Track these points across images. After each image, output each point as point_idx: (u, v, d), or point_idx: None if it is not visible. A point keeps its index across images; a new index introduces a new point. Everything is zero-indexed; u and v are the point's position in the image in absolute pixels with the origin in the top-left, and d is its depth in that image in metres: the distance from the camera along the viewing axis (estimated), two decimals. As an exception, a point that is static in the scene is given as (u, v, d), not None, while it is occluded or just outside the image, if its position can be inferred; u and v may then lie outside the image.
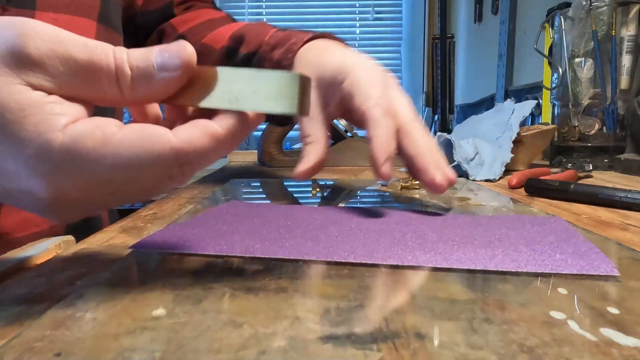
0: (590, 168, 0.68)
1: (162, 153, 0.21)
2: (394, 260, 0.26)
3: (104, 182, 0.21)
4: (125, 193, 0.22)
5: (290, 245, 0.28)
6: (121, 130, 0.21)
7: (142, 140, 0.20)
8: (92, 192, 0.21)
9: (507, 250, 0.28)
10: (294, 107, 0.22)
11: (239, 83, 0.23)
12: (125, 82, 0.21)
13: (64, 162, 0.20)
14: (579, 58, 0.77)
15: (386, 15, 3.03)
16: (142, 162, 0.21)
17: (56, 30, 0.20)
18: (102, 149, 0.20)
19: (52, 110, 0.20)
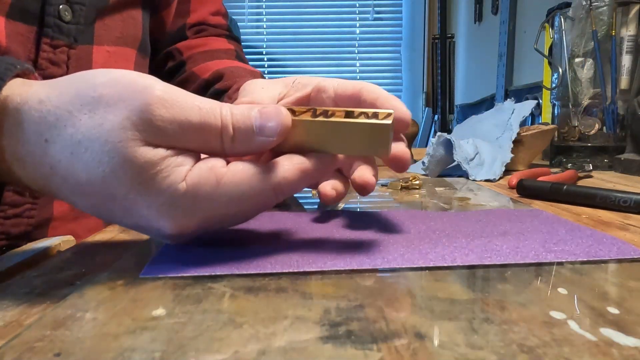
0: (590, 168, 0.68)
1: (264, 189, 0.25)
2: (397, 264, 0.26)
3: (218, 215, 0.25)
4: (233, 220, 0.27)
5: (290, 257, 0.28)
6: (229, 169, 0.24)
7: (249, 179, 0.24)
8: (208, 225, 0.26)
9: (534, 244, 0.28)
10: (389, 151, 0.26)
11: (333, 132, 0.25)
12: (228, 140, 0.25)
13: (187, 206, 0.24)
14: (579, 58, 0.77)
15: (386, 15, 3.04)
16: (249, 197, 0.25)
17: (174, 93, 0.23)
18: (217, 190, 0.24)
19: (176, 162, 0.23)
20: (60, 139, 0.23)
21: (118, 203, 0.24)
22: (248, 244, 0.30)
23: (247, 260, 0.26)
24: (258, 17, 3.00)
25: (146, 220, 0.24)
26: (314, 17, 2.95)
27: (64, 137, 0.23)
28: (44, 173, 0.23)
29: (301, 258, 0.26)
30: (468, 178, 0.63)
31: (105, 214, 0.25)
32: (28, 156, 0.23)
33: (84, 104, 0.23)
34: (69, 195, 0.24)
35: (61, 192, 0.24)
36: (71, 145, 0.23)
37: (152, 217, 0.24)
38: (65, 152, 0.23)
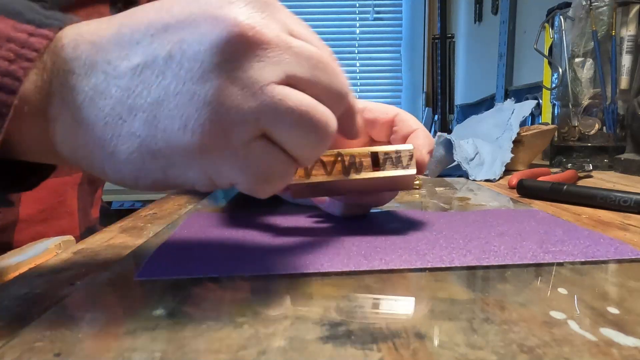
0: (590, 168, 0.68)
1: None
2: (401, 264, 0.26)
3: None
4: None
5: (293, 257, 0.28)
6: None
7: None
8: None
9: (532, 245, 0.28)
10: (412, 186, 0.31)
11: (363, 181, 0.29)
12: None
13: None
14: (579, 58, 0.77)
15: (386, 15, 3.03)
16: None
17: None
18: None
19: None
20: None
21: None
22: (245, 245, 0.30)
23: (244, 262, 0.26)
24: (258, 17, 2.99)
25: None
26: (314, 17, 2.95)
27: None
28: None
29: (298, 260, 0.26)
30: (468, 178, 0.63)
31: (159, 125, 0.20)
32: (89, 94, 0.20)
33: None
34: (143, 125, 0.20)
35: (135, 121, 0.20)
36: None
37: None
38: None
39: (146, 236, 0.33)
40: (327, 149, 0.23)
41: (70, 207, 0.52)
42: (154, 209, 0.44)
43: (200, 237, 0.32)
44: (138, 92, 0.19)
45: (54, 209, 0.49)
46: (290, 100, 0.20)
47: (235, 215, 0.40)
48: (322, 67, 0.21)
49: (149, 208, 0.45)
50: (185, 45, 0.19)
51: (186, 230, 0.34)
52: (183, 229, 0.34)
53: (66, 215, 0.51)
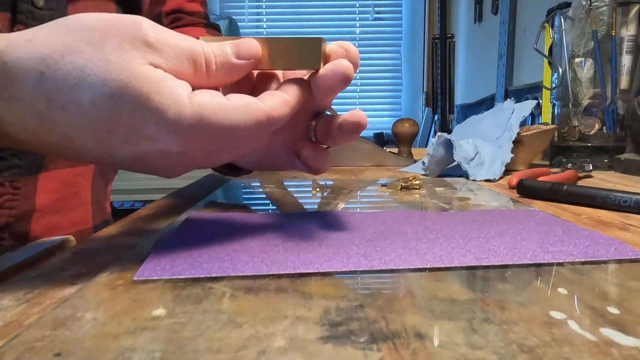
0: (590, 168, 0.68)
1: (260, 117, 0.26)
2: (396, 265, 0.26)
3: (219, 140, 0.26)
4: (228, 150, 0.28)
5: (295, 257, 0.28)
6: (229, 99, 0.26)
7: (246, 107, 0.26)
8: (209, 148, 0.26)
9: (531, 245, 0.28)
10: (319, 65, 0.29)
11: (281, 49, 0.29)
12: (212, 67, 0.26)
13: (194, 124, 0.24)
14: (579, 58, 0.77)
15: (386, 15, 3.03)
16: (246, 123, 0.26)
17: (159, 25, 0.25)
18: (219, 113, 0.25)
19: (175, 84, 0.24)
20: (59, 68, 0.23)
21: (123, 124, 0.24)
22: (244, 245, 0.30)
23: (244, 262, 0.26)
24: (258, 17, 3.00)
25: (151, 141, 0.25)
26: (314, 17, 2.95)
27: (63, 65, 0.23)
28: (38, 109, 0.23)
29: (298, 259, 0.26)
30: (468, 178, 0.63)
31: (106, 143, 0.25)
32: (19, 93, 0.23)
33: (78, 35, 0.23)
34: (67, 130, 0.24)
35: (57, 128, 0.24)
36: (73, 71, 0.23)
37: (159, 135, 0.24)
38: (67, 80, 0.23)
39: (146, 236, 0.33)
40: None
41: (84, 198, 0.53)
42: (154, 209, 0.44)
43: (199, 237, 0.32)
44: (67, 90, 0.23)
45: (68, 199, 0.50)
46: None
47: (234, 215, 0.40)
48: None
49: (149, 208, 0.45)
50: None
51: (186, 230, 0.34)
52: (183, 229, 0.34)
53: (80, 207, 0.52)
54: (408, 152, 0.87)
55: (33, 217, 0.46)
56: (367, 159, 0.83)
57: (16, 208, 0.44)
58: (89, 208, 0.54)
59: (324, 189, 0.56)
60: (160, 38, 0.24)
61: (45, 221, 0.47)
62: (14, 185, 0.43)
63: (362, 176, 0.68)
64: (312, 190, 0.57)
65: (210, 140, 0.26)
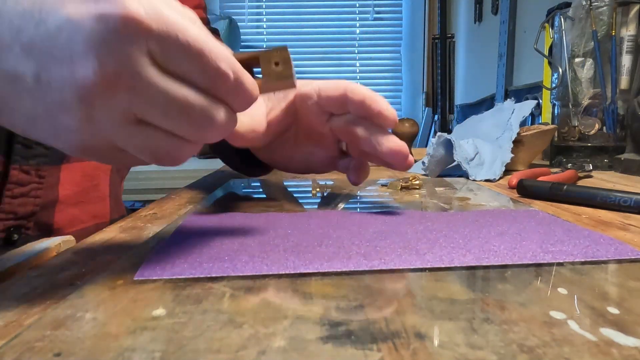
0: (590, 168, 0.68)
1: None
2: (395, 265, 0.26)
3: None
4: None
5: (295, 258, 0.28)
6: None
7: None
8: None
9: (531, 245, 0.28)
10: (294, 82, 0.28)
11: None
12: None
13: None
14: (579, 58, 0.77)
15: (386, 15, 3.03)
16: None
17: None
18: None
19: None
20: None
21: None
22: (245, 245, 0.30)
23: (243, 262, 0.26)
24: (258, 17, 3.00)
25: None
26: (314, 17, 2.95)
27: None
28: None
29: (298, 259, 0.26)
30: (468, 178, 0.63)
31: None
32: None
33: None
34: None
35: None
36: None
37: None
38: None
39: (146, 236, 0.33)
40: (220, 128, 0.24)
41: (103, 192, 0.54)
42: (154, 209, 0.44)
43: (200, 237, 0.32)
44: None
45: (88, 192, 0.51)
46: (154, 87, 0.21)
47: (234, 215, 0.40)
48: (185, 49, 0.21)
49: (149, 208, 0.45)
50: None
51: (186, 230, 0.34)
52: (183, 229, 0.34)
53: (99, 200, 0.53)
54: (408, 152, 0.87)
55: (56, 208, 0.47)
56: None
57: (41, 197, 0.45)
58: (107, 202, 0.55)
59: (324, 189, 0.56)
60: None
61: (68, 213, 0.48)
62: (39, 174, 0.45)
63: (362, 176, 0.68)
64: (312, 190, 0.57)
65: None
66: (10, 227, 0.43)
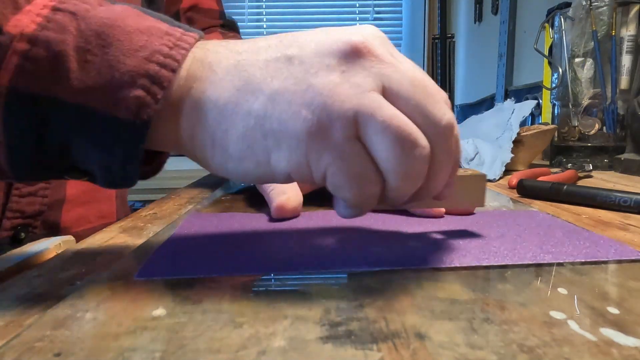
0: (590, 168, 0.68)
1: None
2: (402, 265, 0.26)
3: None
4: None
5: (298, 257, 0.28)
6: None
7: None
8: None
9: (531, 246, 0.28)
10: (484, 202, 0.31)
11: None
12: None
13: None
14: (579, 58, 0.77)
15: (386, 15, 3.03)
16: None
17: None
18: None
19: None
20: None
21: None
22: (245, 245, 0.30)
23: (244, 262, 0.26)
24: (258, 17, 3.00)
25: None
26: (314, 17, 2.95)
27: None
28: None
29: (299, 259, 0.26)
30: (468, 178, 0.63)
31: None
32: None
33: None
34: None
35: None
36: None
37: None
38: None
39: (146, 236, 0.33)
40: (416, 174, 0.23)
41: (109, 191, 0.55)
42: (154, 209, 0.44)
43: (200, 237, 0.32)
44: (262, 79, 0.22)
45: (94, 191, 0.52)
46: (384, 109, 0.22)
47: (235, 215, 0.40)
48: (420, 88, 0.23)
49: (149, 208, 0.45)
50: (305, 50, 0.23)
51: (186, 230, 0.34)
52: (183, 229, 0.34)
53: (105, 200, 0.54)
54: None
55: (63, 208, 0.48)
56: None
57: (48, 196, 0.46)
58: (114, 202, 0.56)
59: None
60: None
61: (75, 212, 0.49)
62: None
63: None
64: (312, 190, 0.56)
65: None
66: (17, 226, 0.44)
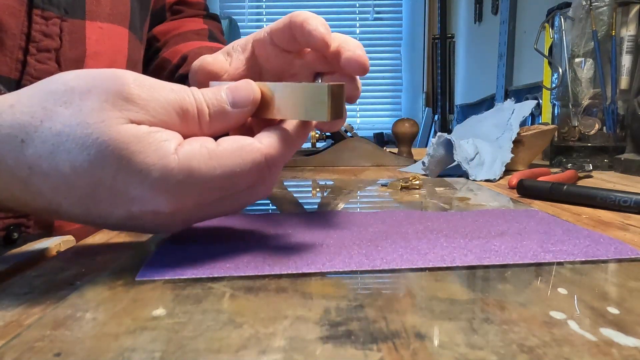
0: (590, 168, 0.68)
1: (256, 158, 0.25)
2: (397, 264, 0.26)
3: (213, 193, 0.25)
4: (226, 201, 0.26)
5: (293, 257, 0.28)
6: (219, 143, 0.24)
7: (240, 150, 0.24)
8: (204, 201, 0.25)
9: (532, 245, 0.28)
10: (325, 116, 0.25)
11: (286, 96, 0.26)
12: (205, 118, 0.25)
13: (182, 179, 0.23)
14: (579, 58, 0.77)
15: (386, 15, 3.03)
16: (243, 170, 0.24)
17: (146, 78, 0.24)
18: (210, 162, 0.23)
19: (162, 137, 0.23)
20: (38, 135, 0.22)
21: (107, 189, 0.23)
22: (246, 245, 0.30)
23: (245, 262, 0.26)
24: (258, 17, 3.00)
25: (139, 203, 0.23)
26: (314, 17, 2.95)
27: (42, 132, 0.22)
28: (21, 177, 0.23)
29: (300, 259, 0.26)
30: (468, 178, 0.63)
31: (94, 208, 0.24)
32: (1, 163, 0.23)
33: (57, 98, 0.23)
34: (52, 195, 0.23)
35: (42, 194, 0.23)
36: (51, 138, 0.22)
37: (146, 196, 0.23)
38: (45, 147, 0.22)
39: (146, 236, 0.33)
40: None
41: None
42: (154, 209, 0.44)
43: (200, 237, 0.32)
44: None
45: None
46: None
47: (235, 215, 0.40)
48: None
49: (149, 208, 0.45)
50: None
51: (186, 230, 0.34)
52: (183, 229, 0.34)
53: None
54: (408, 152, 0.87)
55: None
56: (367, 159, 0.82)
57: None
58: None
59: (324, 189, 0.56)
60: (145, 93, 0.23)
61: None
62: (6, 210, 0.44)
63: (362, 176, 0.68)
64: (312, 190, 0.57)
65: (206, 192, 0.24)
66: (10, 225, 0.43)
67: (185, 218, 0.26)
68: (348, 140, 0.83)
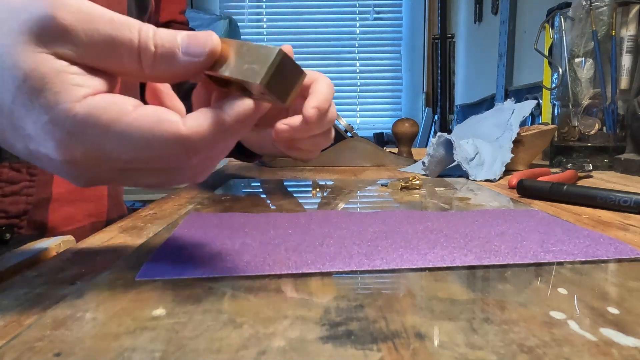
0: (590, 168, 0.68)
1: (168, 139, 0.21)
2: (396, 264, 0.26)
3: (112, 157, 0.22)
4: (135, 174, 0.23)
5: (295, 257, 0.28)
6: (136, 110, 0.21)
7: (154, 123, 0.21)
8: (100, 164, 0.22)
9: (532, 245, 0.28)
10: (259, 78, 0.22)
11: (238, 52, 0.23)
12: (147, 58, 0.22)
13: (75, 131, 0.21)
14: (579, 58, 0.77)
15: (386, 15, 3.03)
16: (149, 144, 0.21)
17: (85, 3, 0.21)
18: (114, 125, 0.21)
19: (73, 80, 0.21)
20: None
21: (6, 117, 0.21)
22: (245, 245, 0.30)
23: (245, 262, 0.26)
24: (258, 17, 3.00)
25: (34, 142, 0.22)
26: (314, 17, 2.95)
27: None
28: None
29: (300, 259, 0.26)
30: (468, 178, 0.63)
31: (1, 133, 0.22)
32: None
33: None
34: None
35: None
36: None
37: (38, 137, 0.21)
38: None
39: (146, 236, 0.33)
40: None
41: (100, 190, 0.54)
42: (154, 209, 0.44)
43: (200, 237, 0.32)
44: None
45: (83, 190, 0.51)
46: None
47: (235, 215, 0.40)
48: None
49: (149, 208, 0.45)
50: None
51: (186, 230, 0.34)
52: (183, 229, 0.34)
53: (95, 199, 0.53)
54: (408, 152, 0.87)
55: (50, 207, 0.47)
56: (367, 159, 0.83)
57: (33, 195, 0.45)
58: (105, 201, 0.55)
59: (324, 189, 0.56)
60: (75, 21, 0.20)
61: (62, 211, 0.48)
62: (30, 172, 0.44)
63: (362, 176, 0.68)
64: (312, 190, 0.57)
65: (105, 154, 0.22)
66: (2, 226, 0.43)
67: (91, 175, 0.23)
68: (348, 140, 0.83)
